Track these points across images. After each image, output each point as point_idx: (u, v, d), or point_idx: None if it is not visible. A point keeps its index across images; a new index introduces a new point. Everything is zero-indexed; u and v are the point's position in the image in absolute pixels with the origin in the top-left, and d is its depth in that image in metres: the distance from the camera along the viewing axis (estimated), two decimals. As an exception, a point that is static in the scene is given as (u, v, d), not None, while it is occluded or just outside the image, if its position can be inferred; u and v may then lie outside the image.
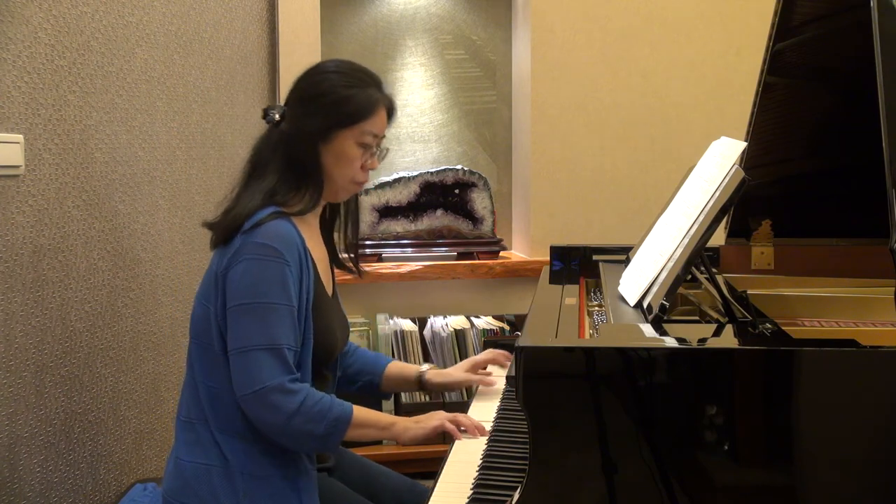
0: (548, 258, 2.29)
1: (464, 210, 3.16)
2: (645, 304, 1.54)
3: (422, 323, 3.08)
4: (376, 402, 2.62)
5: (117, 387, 2.10)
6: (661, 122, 3.20)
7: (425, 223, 3.15)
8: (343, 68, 1.72)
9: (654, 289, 1.53)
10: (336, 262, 1.86)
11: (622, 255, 2.06)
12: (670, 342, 1.27)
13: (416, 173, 3.16)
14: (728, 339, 1.36)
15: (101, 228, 2.02)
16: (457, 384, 2.00)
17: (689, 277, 1.53)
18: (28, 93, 1.78)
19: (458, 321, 3.08)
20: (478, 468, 1.52)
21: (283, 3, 2.86)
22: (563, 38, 3.13)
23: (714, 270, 1.65)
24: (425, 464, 2.81)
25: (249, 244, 1.58)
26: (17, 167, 1.75)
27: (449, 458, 1.60)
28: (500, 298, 3.19)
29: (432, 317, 3.11)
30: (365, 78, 1.71)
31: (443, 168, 3.18)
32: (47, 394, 1.85)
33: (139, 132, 2.17)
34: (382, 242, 3.13)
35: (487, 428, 1.69)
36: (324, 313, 1.69)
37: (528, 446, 1.22)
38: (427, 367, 1.96)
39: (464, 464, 1.55)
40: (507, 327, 3.12)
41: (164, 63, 2.27)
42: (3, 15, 1.72)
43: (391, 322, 3.05)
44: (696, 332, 1.35)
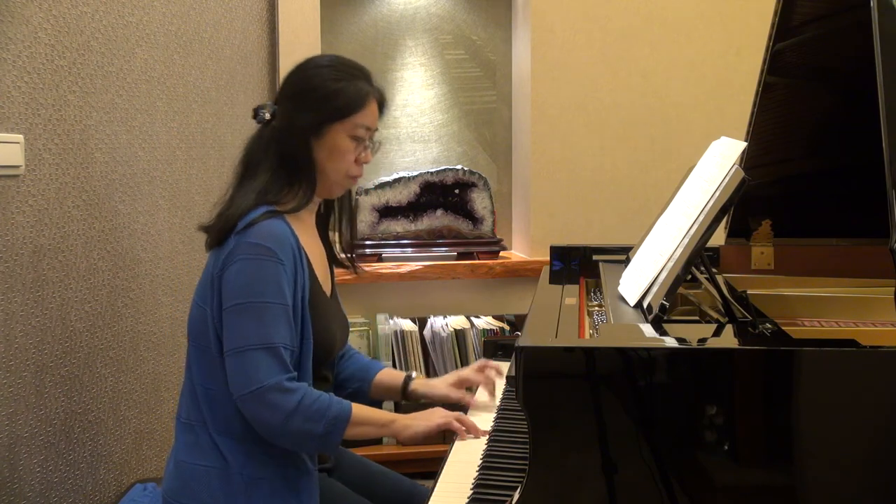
0: (548, 258, 2.29)
1: (464, 210, 3.16)
2: (645, 304, 1.54)
3: (422, 323, 3.08)
4: (377, 400, 2.60)
5: (117, 387, 2.10)
6: (661, 122, 3.20)
7: (425, 223, 3.15)
8: (332, 62, 1.72)
9: (654, 289, 1.53)
10: (335, 261, 1.86)
11: (622, 255, 2.06)
12: (670, 342, 1.27)
13: (416, 173, 3.16)
14: (728, 339, 1.36)
15: (101, 228, 2.02)
16: (439, 398, 1.90)
17: (689, 277, 1.53)
18: (28, 93, 1.78)
19: (458, 321, 3.08)
20: (478, 468, 1.52)
21: (283, 3, 2.86)
22: (563, 38, 3.13)
23: (714, 270, 1.65)
24: (425, 464, 2.81)
25: (243, 244, 1.57)
26: (17, 167, 1.75)
27: (449, 458, 1.60)
28: (500, 298, 3.19)
29: (432, 317, 3.11)
30: (354, 71, 1.70)
31: (443, 168, 3.17)
32: (47, 394, 1.85)
33: (139, 132, 2.17)
34: (382, 242, 3.13)
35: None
36: (321, 312, 1.68)
37: (528, 446, 1.22)
38: (415, 375, 1.91)
39: (464, 464, 1.55)
40: (507, 327, 3.12)
41: (164, 63, 2.27)
42: (3, 15, 1.72)
43: (391, 322, 3.05)
44: (696, 332, 1.35)
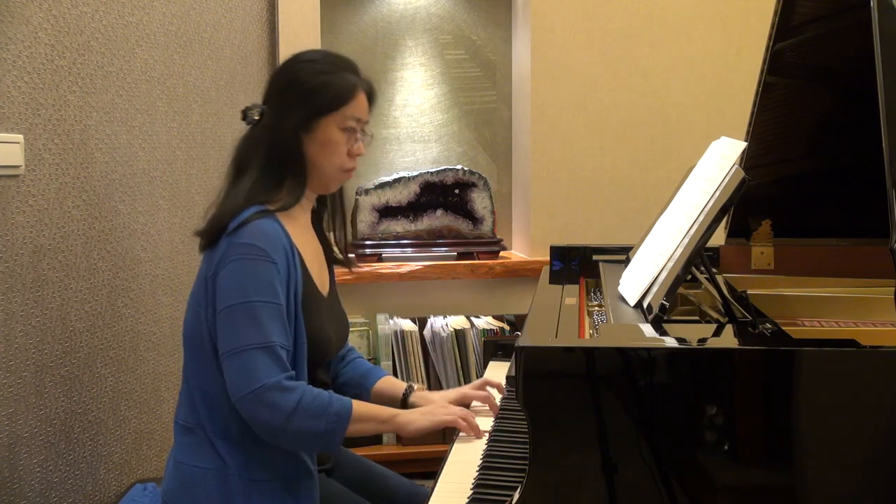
0: (548, 258, 2.29)
1: (464, 210, 3.16)
2: (645, 304, 1.54)
3: (422, 323, 3.08)
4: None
5: (117, 387, 2.10)
6: (661, 122, 3.20)
7: (425, 223, 3.15)
8: (318, 57, 1.71)
9: (654, 289, 1.53)
10: (332, 259, 1.85)
11: (622, 255, 2.06)
12: (670, 342, 1.27)
13: (416, 173, 3.15)
14: (728, 339, 1.36)
15: (101, 228, 2.02)
16: None
17: (689, 277, 1.53)
18: (28, 93, 1.78)
19: (458, 321, 3.08)
20: (478, 468, 1.52)
21: (283, 3, 2.86)
22: (563, 38, 3.13)
23: (714, 270, 1.65)
24: (425, 464, 2.81)
25: (234, 245, 1.57)
26: (17, 167, 1.75)
27: (449, 458, 1.59)
28: (500, 298, 3.19)
29: (432, 317, 3.11)
30: (341, 64, 1.70)
31: (443, 168, 3.17)
32: (47, 394, 1.85)
33: (139, 132, 2.17)
34: (382, 242, 3.13)
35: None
36: (315, 312, 1.66)
37: (528, 446, 1.22)
38: (415, 387, 1.86)
39: (464, 464, 1.55)
40: (507, 327, 3.12)
41: (164, 63, 2.27)
42: (3, 15, 1.72)
43: (391, 322, 3.05)
44: (696, 332, 1.35)
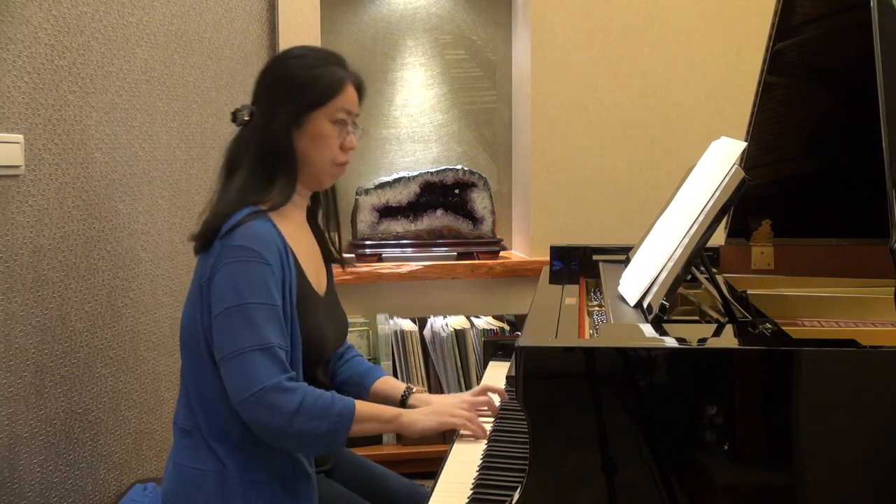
0: (548, 258, 2.29)
1: (464, 210, 3.16)
2: (645, 304, 1.54)
3: (422, 323, 3.08)
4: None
5: (117, 387, 2.10)
6: (661, 122, 3.20)
7: (425, 223, 3.15)
8: (304, 52, 1.71)
9: (654, 289, 1.53)
10: (330, 258, 1.84)
11: (622, 255, 2.06)
12: (670, 342, 1.27)
13: (416, 173, 3.15)
14: (728, 339, 1.36)
15: (101, 228, 2.02)
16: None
17: (689, 277, 1.53)
18: (28, 93, 1.78)
19: (458, 321, 3.08)
20: (478, 468, 1.52)
21: (283, 3, 2.86)
22: (563, 38, 3.13)
23: (714, 270, 1.65)
24: (425, 464, 2.81)
25: (228, 248, 1.56)
26: (17, 167, 1.75)
27: (449, 458, 1.60)
28: (500, 298, 3.19)
29: (432, 317, 3.11)
30: (328, 57, 1.70)
31: (443, 168, 3.17)
32: (47, 394, 1.85)
33: (139, 132, 2.17)
34: (382, 242, 3.13)
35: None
36: (310, 312, 1.66)
37: (528, 446, 1.22)
38: (414, 389, 1.85)
39: (464, 464, 1.55)
40: (507, 327, 3.11)
41: (164, 63, 2.27)
42: (3, 15, 1.72)
43: (391, 322, 3.05)
44: (696, 332, 1.35)
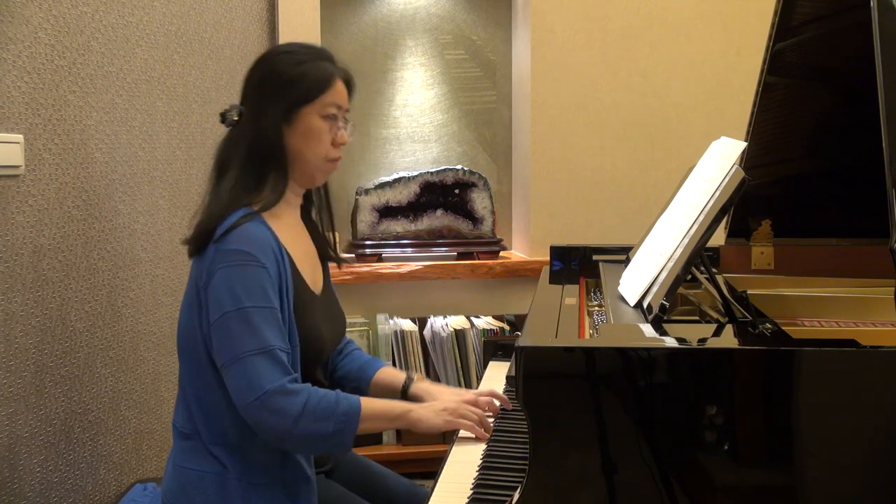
0: (548, 258, 2.29)
1: (464, 210, 3.16)
2: (645, 304, 1.54)
3: (422, 323, 3.08)
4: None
5: (117, 387, 2.10)
6: (661, 122, 3.20)
7: (425, 223, 3.15)
8: (291, 49, 1.71)
9: (654, 289, 1.53)
10: (326, 256, 1.83)
11: (622, 255, 2.06)
12: (670, 342, 1.27)
13: (416, 173, 3.15)
14: (728, 339, 1.36)
15: (101, 228, 2.02)
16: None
17: (689, 277, 1.53)
18: (28, 93, 1.78)
19: (458, 321, 3.08)
20: (478, 468, 1.52)
21: (283, 3, 2.86)
22: (563, 38, 3.13)
23: (714, 270, 1.65)
24: (425, 464, 2.81)
25: (222, 252, 1.55)
26: (17, 167, 1.75)
27: (449, 458, 1.59)
28: (500, 298, 3.19)
29: (432, 317, 3.11)
30: (315, 53, 1.69)
31: (443, 168, 3.17)
32: (47, 394, 1.85)
33: (139, 132, 2.17)
34: (382, 242, 3.13)
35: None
36: (308, 312, 1.65)
37: (528, 446, 1.22)
38: (415, 377, 1.84)
39: (464, 464, 1.55)
40: (507, 327, 3.12)
41: (164, 63, 2.27)
42: (3, 15, 1.72)
43: (391, 322, 3.05)
44: (696, 332, 1.35)
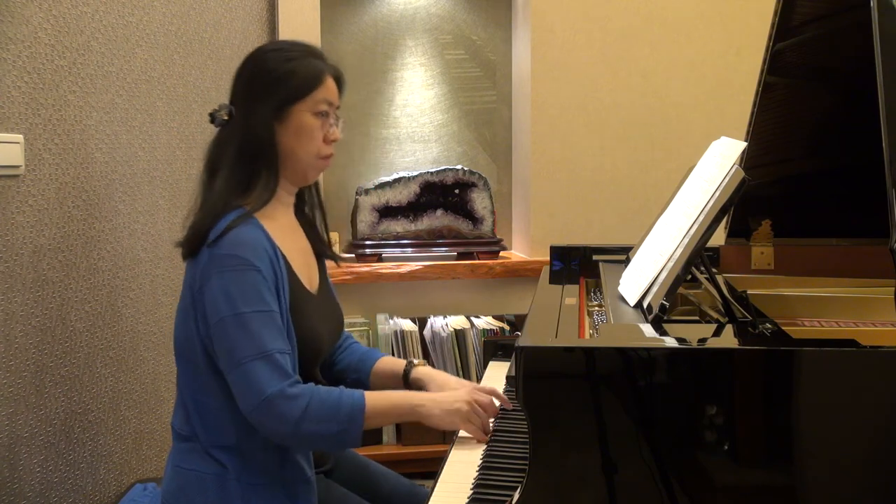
0: (548, 258, 2.29)
1: (464, 210, 3.16)
2: (645, 304, 1.54)
3: (422, 323, 3.08)
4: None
5: (117, 387, 2.10)
6: (661, 122, 3.20)
7: (425, 223, 3.15)
8: (280, 46, 1.70)
9: (654, 289, 1.53)
10: (322, 254, 1.82)
11: (622, 255, 2.06)
12: (670, 342, 1.27)
13: (416, 173, 3.15)
14: (728, 339, 1.36)
15: (101, 228, 2.02)
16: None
17: (689, 277, 1.53)
18: (28, 93, 1.78)
19: (458, 321, 3.08)
20: (478, 468, 1.52)
21: (283, 3, 2.86)
22: (563, 38, 3.13)
23: (714, 270, 1.65)
24: (425, 464, 2.81)
25: (216, 257, 1.55)
26: (17, 167, 1.75)
27: (449, 458, 1.59)
28: (500, 298, 3.19)
29: (432, 317, 3.11)
30: (305, 49, 1.69)
31: (443, 168, 3.17)
32: (47, 394, 1.85)
33: (139, 132, 2.17)
34: (382, 242, 3.13)
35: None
36: (304, 313, 1.65)
37: (528, 446, 1.22)
38: (416, 362, 1.84)
39: (464, 464, 1.55)
40: (507, 327, 3.11)
41: (164, 63, 2.27)
42: (3, 15, 1.72)
43: (391, 322, 3.05)
44: (696, 332, 1.35)
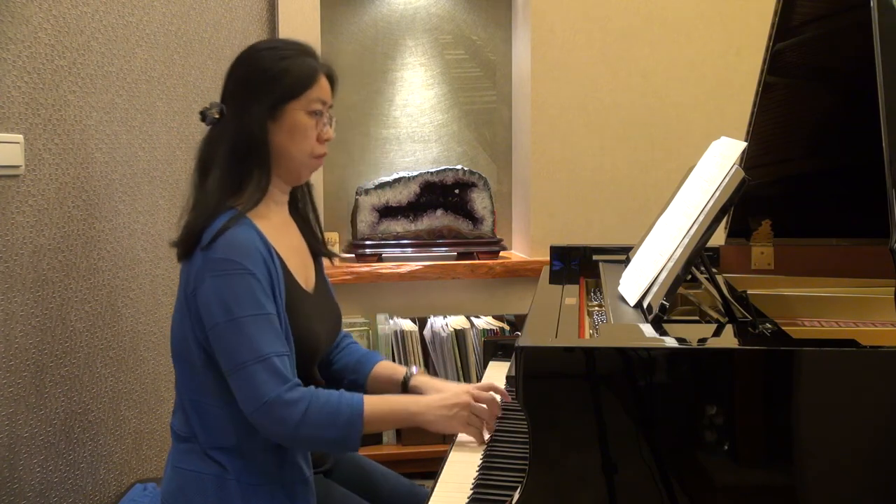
0: (548, 258, 2.29)
1: (464, 210, 3.16)
2: (645, 304, 1.54)
3: (422, 323, 3.08)
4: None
5: (117, 387, 2.10)
6: (661, 122, 3.20)
7: (425, 223, 3.14)
8: (272, 45, 1.70)
9: (654, 289, 1.53)
10: (319, 252, 1.82)
11: (622, 255, 2.06)
12: (670, 342, 1.27)
13: (416, 173, 3.15)
14: (728, 339, 1.36)
15: (101, 228, 2.02)
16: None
17: (689, 277, 1.53)
18: (28, 93, 1.78)
19: (458, 321, 3.08)
20: (478, 468, 1.52)
21: (283, 3, 2.86)
22: (563, 38, 3.13)
23: (714, 270, 1.65)
24: (425, 464, 2.81)
25: (210, 261, 1.54)
26: (17, 167, 1.75)
27: (449, 458, 1.59)
28: (500, 298, 3.19)
29: (432, 317, 3.10)
30: (298, 48, 1.68)
31: (443, 168, 3.17)
32: (47, 394, 1.85)
33: (139, 132, 2.17)
34: (382, 242, 3.13)
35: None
36: (301, 313, 1.64)
37: (528, 446, 1.22)
38: (415, 371, 1.83)
39: (464, 464, 1.55)
40: (507, 327, 3.11)
41: (164, 63, 2.27)
42: (3, 15, 1.72)
43: (391, 322, 3.05)
44: (696, 332, 1.35)
